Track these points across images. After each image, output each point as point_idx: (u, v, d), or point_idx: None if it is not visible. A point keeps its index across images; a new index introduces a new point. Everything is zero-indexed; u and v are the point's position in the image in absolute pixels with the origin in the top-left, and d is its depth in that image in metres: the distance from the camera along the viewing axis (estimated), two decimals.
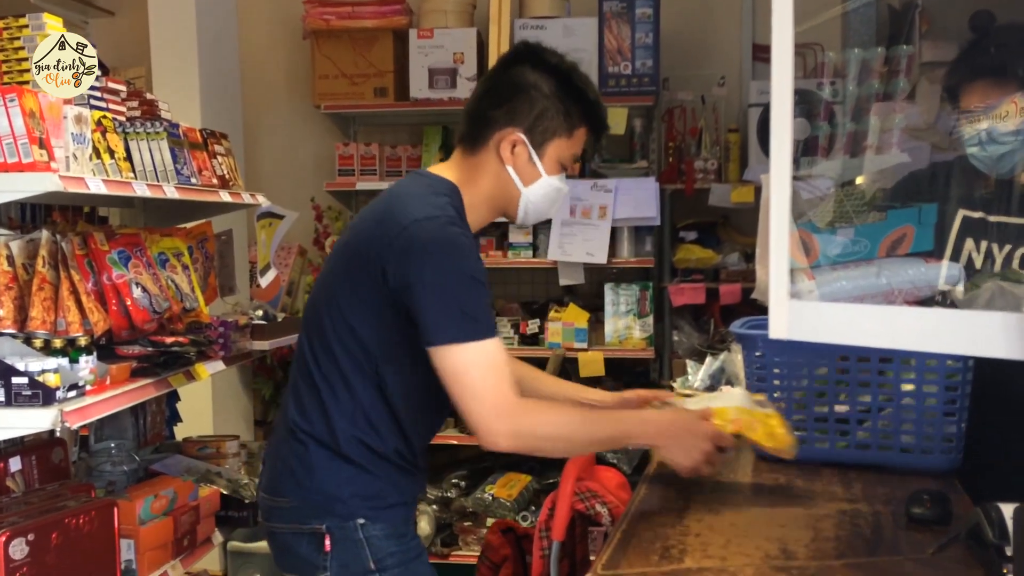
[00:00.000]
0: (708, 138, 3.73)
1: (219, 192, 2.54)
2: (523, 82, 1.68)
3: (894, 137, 2.13)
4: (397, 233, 1.58)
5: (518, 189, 1.70)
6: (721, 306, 3.65)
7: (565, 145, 1.71)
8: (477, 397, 1.53)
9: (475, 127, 1.71)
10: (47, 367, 1.82)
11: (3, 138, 1.79)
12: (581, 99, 1.70)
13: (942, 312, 1.11)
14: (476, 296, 1.56)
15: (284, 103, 4.31)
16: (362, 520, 1.64)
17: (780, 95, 1.30)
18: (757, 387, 1.90)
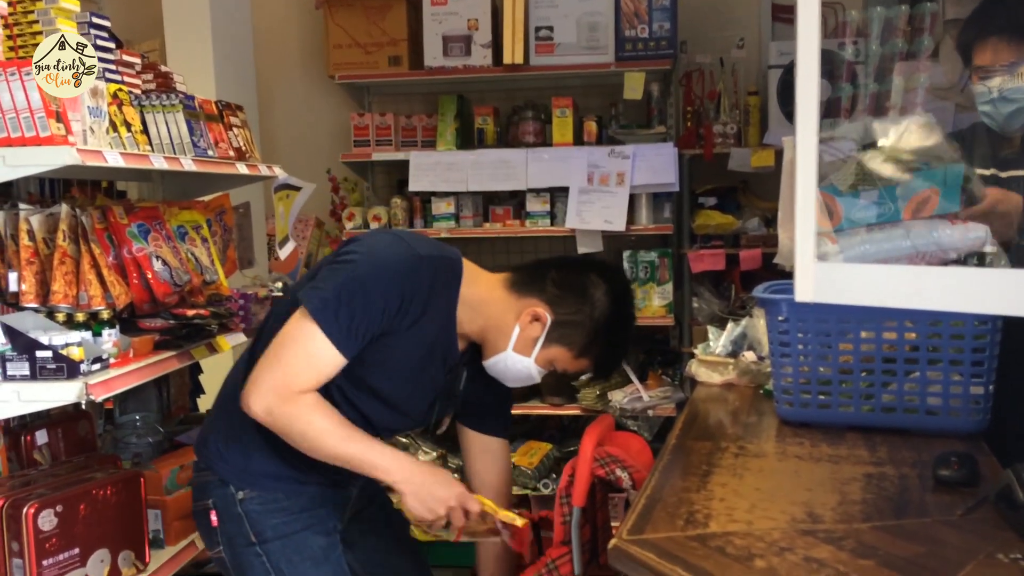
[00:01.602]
0: (727, 102, 3.68)
1: (236, 164, 2.53)
2: (589, 292, 1.76)
3: (918, 97, 2.09)
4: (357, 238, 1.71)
5: (506, 345, 1.75)
6: (741, 272, 3.62)
7: (566, 358, 1.77)
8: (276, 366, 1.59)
9: (532, 279, 1.78)
10: (71, 341, 1.83)
11: (20, 112, 1.79)
12: (607, 347, 1.78)
13: (968, 271, 1.09)
14: (362, 305, 1.60)
15: (298, 74, 4.29)
16: (240, 494, 1.72)
17: (806, 55, 1.28)
18: (780, 351, 1.89)
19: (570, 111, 3.66)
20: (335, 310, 1.58)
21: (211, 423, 1.79)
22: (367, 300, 1.60)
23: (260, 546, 1.71)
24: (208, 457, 1.76)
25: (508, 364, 1.77)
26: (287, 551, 1.71)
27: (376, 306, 1.61)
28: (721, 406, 2.13)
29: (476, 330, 1.77)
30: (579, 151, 3.62)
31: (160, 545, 2.12)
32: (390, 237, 1.73)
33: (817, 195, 1.63)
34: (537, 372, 1.79)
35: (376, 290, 1.61)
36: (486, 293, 1.77)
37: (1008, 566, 1.15)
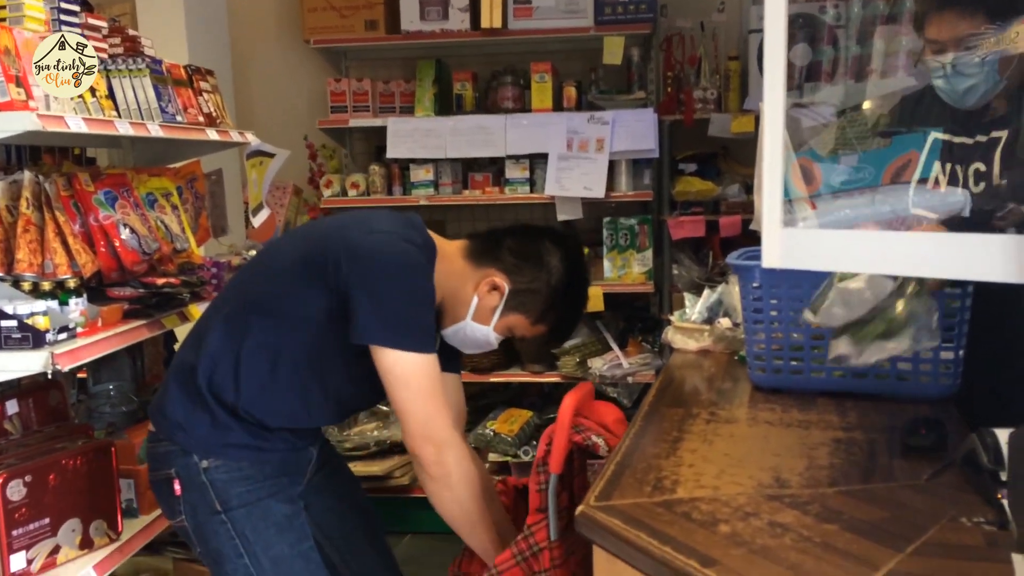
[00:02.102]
0: (707, 67, 3.65)
1: (206, 130, 2.49)
2: (545, 260, 1.79)
3: (899, 60, 2.07)
4: (361, 237, 1.67)
5: (465, 314, 1.79)
6: (721, 238, 3.62)
7: (524, 325, 1.81)
8: (411, 403, 1.64)
9: (488, 247, 1.81)
10: (36, 310, 1.80)
11: None
12: (564, 312, 1.82)
13: (936, 236, 1.08)
14: (421, 312, 1.66)
15: (273, 38, 4.22)
16: (205, 463, 1.71)
17: (774, 18, 1.25)
18: (753, 317, 1.88)
19: (549, 76, 3.63)
20: (400, 327, 1.62)
21: (167, 393, 1.76)
22: (414, 304, 1.65)
23: (225, 514, 1.71)
24: (167, 428, 1.74)
25: (467, 333, 1.80)
26: (252, 518, 1.71)
27: (428, 301, 1.67)
28: (696, 373, 2.13)
29: (438, 300, 1.78)
30: (558, 117, 3.59)
31: (134, 514, 2.12)
32: (381, 239, 1.69)
33: (791, 160, 1.62)
34: (495, 339, 1.82)
35: (419, 291, 1.67)
36: (448, 265, 1.78)
37: (971, 529, 1.16)
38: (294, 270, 1.71)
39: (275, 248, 1.89)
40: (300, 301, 1.69)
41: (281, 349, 1.70)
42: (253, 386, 1.70)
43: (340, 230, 1.73)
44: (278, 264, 1.77)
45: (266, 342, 1.70)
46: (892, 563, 1.07)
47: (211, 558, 1.75)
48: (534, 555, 1.57)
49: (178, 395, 1.73)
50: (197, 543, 1.75)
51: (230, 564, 1.72)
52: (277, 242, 1.84)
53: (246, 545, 1.72)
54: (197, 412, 1.71)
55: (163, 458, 1.75)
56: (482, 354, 3.63)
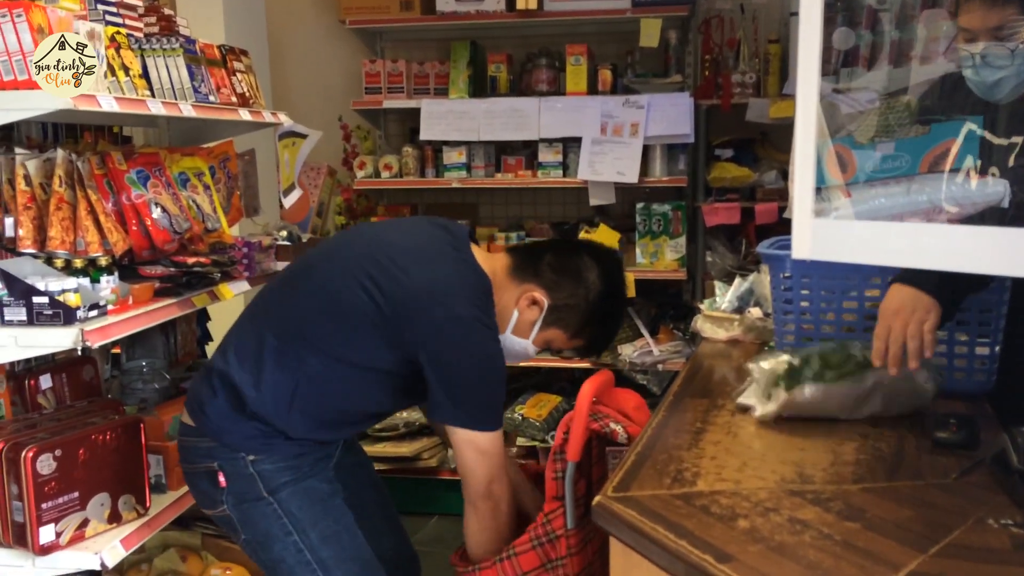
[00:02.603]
0: (747, 50, 3.58)
1: (239, 111, 2.50)
2: (583, 276, 1.81)
3: (941, 46, 2.00)
4: (445, 322, 1.67)
5: (505, 328, 1.81)
6: (756, 226, 3.56)
7: (562, 338, 1.85)
8: (474, 470, 1.71)
9: (528, 263, 1.83)
10: (67, 287, 1.83)
11: (12, 55, 1.76)
12: (601, 326, 1.85)
13: (970, 229, 1.04)
14: (497, 391, 1.72)
15: (310, 19, 4.22)
16: (252, 457, 1.74)
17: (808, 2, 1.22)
18: (784, 308, 1.85)
19: (584, 59, 3.58)
20: (479, 411, 1.70)
21: (215, 399, 1.75)
22: (493, 384, 1.72)
23: (272, 496, 1.74)
24: (211, 427, 1.75)
25: (506, 345, 1.81)
26: (297, 497, 1.75)
27: (499, 382, 1.73)
28: (724, 363, 2.10)
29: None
30: (593, 100, 3.56)
31: (162, 490, 2.14)
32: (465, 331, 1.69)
33: (826, 147, 1.58)
34: (533, 351, 1.87)
35: (497, 372, 1.72)
36: (496, 288, 1.81)
37: (997, 531, 1.13)
38: (364, 325, 1.70)
39: (330, 274, 1.78)
40: (370, 355, 1.71)
41: (339, 385, 1.74)
42: (307, 417, 1.75)
43: (419, 300, 1.69)
44: (344, 305, 1.72)
45: (324, 378, 1.72)
46: (913, 564, 1.04)
47: (258, 541, 1.77)
48: (551, 542, 1.56)
49: (226, 408, 1.74)
50: (242, 530, 1.77)
51: (279, 544, 1.75)
52: (329, 264, 1.80)
53: (294, 523, 1.75)
54: (245, 424, 1.74)
55: (205, 452, 1.76)
56: None
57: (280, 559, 1.76)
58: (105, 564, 1.85)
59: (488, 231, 3.82)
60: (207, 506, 1.82)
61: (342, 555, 1.77)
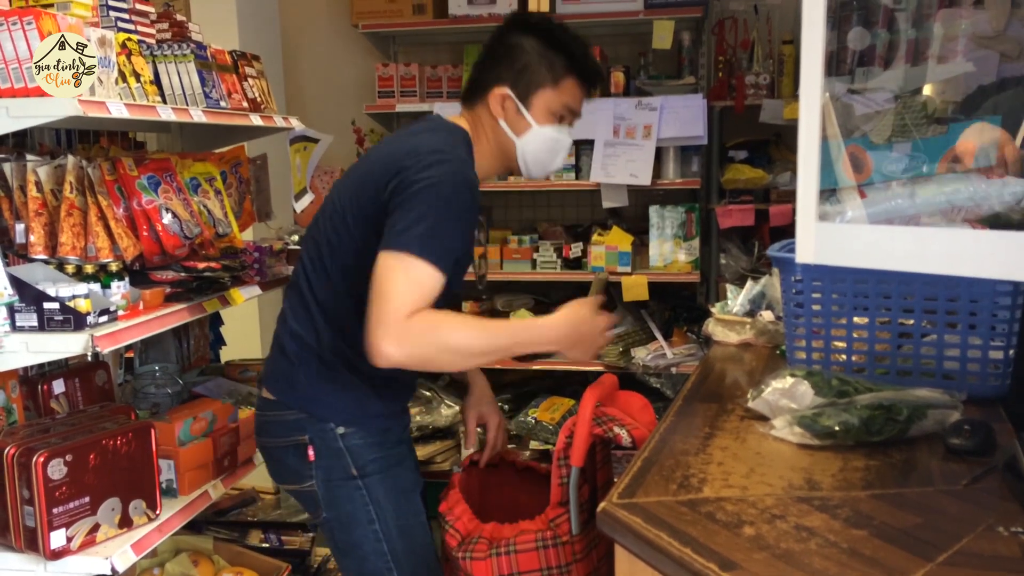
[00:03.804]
0: (761, 51, 3.56)
1: (250, 116, 2.51)
2: (510, 44, 1.81)
3: (959, 45, 1.98)
4: (412, 160, 1.65)
5: (512, 140, 1.81)
6: (771, 228, 3.53)
7: (553, 95, 1.80)
8: (383, 298, 1.53)
9: (472, 89, 1.86)
10: (78, 292, 1.84)
11: (23, 62, 1.78)
12: (564, 51, 1.80)
13: (978, 233, 1.02)
14: (444, 224, 1.59)
15: (324, 22, 4.24)
16: (341, 429, 1.76)
17: (811, 2, 1.21)
18: (794, 312, 1.83)
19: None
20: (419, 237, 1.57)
21: (293, 366, 1.79)
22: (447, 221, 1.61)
23: (361, 479, 1.76)
24: (300, 399, 1.78)
25: (528, 149, 1.82)
26: (384, 485, 1.77)
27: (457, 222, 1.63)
28: (735, 366, 2.08)
29: (492, 164, 1.86)
30: (605, 103, 3.54)
31: (173, 494, 2.15)
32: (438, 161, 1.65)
33: (840, 149, 1.56)
34: (555, 132, 1.81)
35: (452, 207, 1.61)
36: (473, 135, 1.82)
37: (1007, 540, 1.11)
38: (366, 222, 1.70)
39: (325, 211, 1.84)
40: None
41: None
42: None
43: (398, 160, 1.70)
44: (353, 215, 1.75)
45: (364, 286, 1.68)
46: (920, 573, 1.02)
47: (339, 522, 1.80)
48: (556, 547, 1.55)
49: (312, 374, 1.77)
50: (325, 508, 1.79)
51: (360, 529, 1.78)
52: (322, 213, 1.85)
53: (379, 511, 1.77)
54: (332, 382, 1.76)
55: (293, 425, 1.78)
56: None
57: (358, 544, 1.78)
58: (116, 569, 1.86)
59: (501, 234, 3.82)
60: (291, 480, 1.83)
61: (414, 549, 1.80)
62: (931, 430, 1.48)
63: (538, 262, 3.69)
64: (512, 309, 3.67)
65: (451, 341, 1.57)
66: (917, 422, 1.48)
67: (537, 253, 3.70)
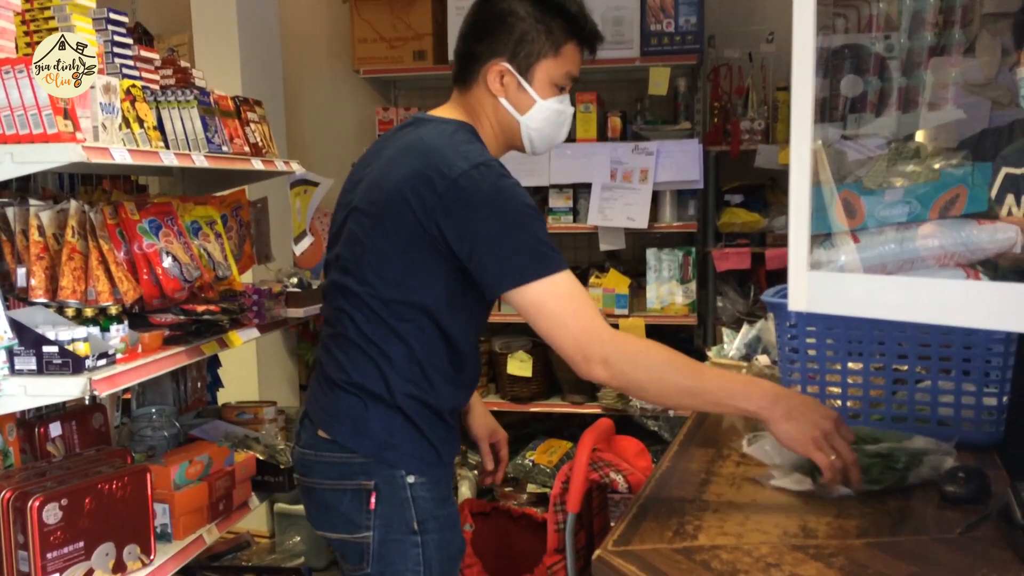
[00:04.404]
0: (755, 97, 3.62)
1: (251, 160, 2.54)
2: (500, 11, 1.66)
3: (950, 93, 2.01)
4: (446, 188, 1.53)
5: (516, 120, 1.68)
6: (767, 271, 3.56)
7: (554, 65, 1.67)
8: (562, 324, 1.49)
9: (464, 66, 1.70)
10: (77, 336, 1.85)
11: (28, 109, 1.81)
12: (561, 13, 1.66)
13: (966, 283, 1.04)
14: (538, 232, 1.53)
15: (325, 68, 4.31)
16: (411, 478, 1.63)
17: (801, 54, 1.24)
18: (789, 357, 1.84)
19: (594, 106, 3.63)
20: (529, 259, 1.51)
21: (360, 409, 1.64)
22: (529, 227, 1.53)
23: (421, 536, 1.63)
24: (370, 444, 1.64)
25: (533, 126, 1.69)
26: (440, 548, 1.66)
27: (534, 220, 1.55)
28: None
29: (497, 146, 1.73)
30: (602, 147, 3.59)
31: (168, 539, 2.14)
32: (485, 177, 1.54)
33: (833, 195, 1.58)
34: (557, 103, 1.69)
35: (522, 216, 1.54)
36: (471, 121, 1.70)
37: None
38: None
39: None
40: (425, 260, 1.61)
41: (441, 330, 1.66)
42: (437, 368, 1.65)
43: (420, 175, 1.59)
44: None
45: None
46: None
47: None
48: None
49: (375, 410, 1.64)
50: (372, 561, 1.64)
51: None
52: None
53: (428, 574, 1.65)
54: (403, 425, 1.64)
55: (359, 469, 1.64)
56: (523, 384, 3.62)
57: None
58: None
59: None
60: (341, 528, 1.67)
61: None
62: (928, 477, 1.48)
63: None
64: (510, 351, 3.68)
65: (665, 372, 1.47)
66: (914, 469, 1.48)
67: None
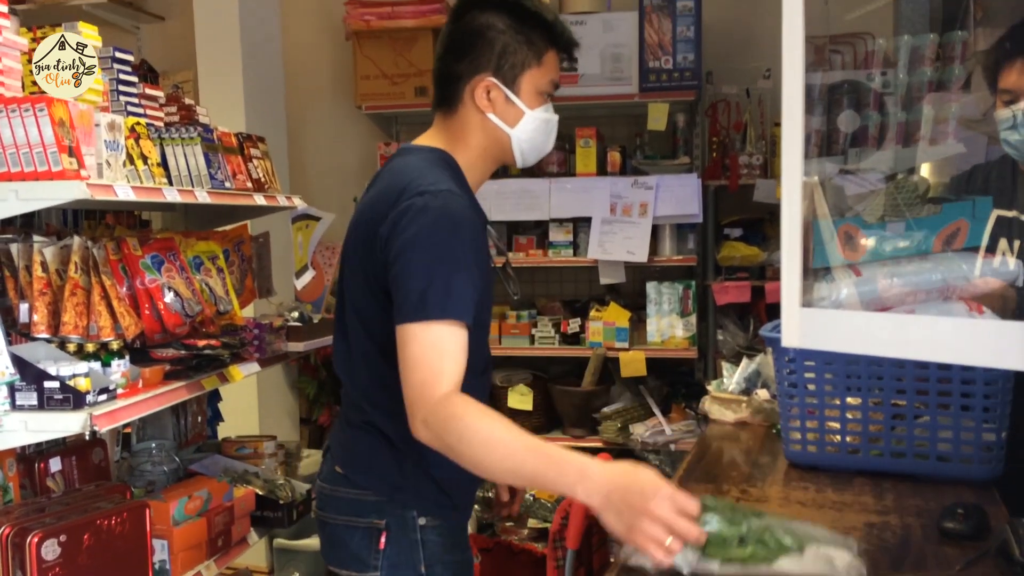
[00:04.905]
0: (753, 132, 3.65)
1: (253, 195, 2.57)
2: (477, 27, 1.64)
3: (949, 127, 2.04)
4: (396, 205, 1.52)
5: (506, 134, 1.65)
6: (767, 304, 3.57)
7: (539, 74, 1.65)
8: (411, 372, 1.42)
9: (446, 87, 1.67)
10: (78, 371, 1.86)
11: (33, 147, 1.83)
12: (538, 23, 1.65)
13: (957, 321, 1.05)
14: (453, 275, 1.46)
15: (328, 104, 4.35)
16: (423, 520, 1.62)
17: (791, 90, 1.26)
18: (788, 392, 1.84)
19: (594, 141, 3.66)
20: (424, 298, 1.45)
21: (375, 447, 1.62)
22: (449, 268, 1.47)
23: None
24: (383, 484, 1.62)
25: (524, 137, 1.66)
26: None
27: (459, 265, 1.49)
28: (732, 445, 2.08)
29: (486, 164, 1.71)
30: (602, 181, 3.62)
31: (166, 575, 2.13)
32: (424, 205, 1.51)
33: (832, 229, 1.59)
34: (544, 112, 1.67)
35: (450, 252, 1.49)
36: (455, 144, 1.68)
37: None
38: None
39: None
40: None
41: None
42: None
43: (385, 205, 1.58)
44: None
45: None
46: None
47: None
48: None
49: (388, 448, 1.62)
50: None
51: None
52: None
53: None
54: (417, 464, 1.61)
55: (371, 508, 1.63)
56: (523, 418, 3.62)
57: None
58: None
59: (500, 309, 3.85)
60: (350, 566, 1.65)
61: None
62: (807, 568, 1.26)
63: (536, 337, 3.71)
64: (511, 384, 3.68)
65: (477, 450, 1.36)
66: (789, 553, 1.24)
67: (535, 328, 3.72)
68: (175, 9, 4.34)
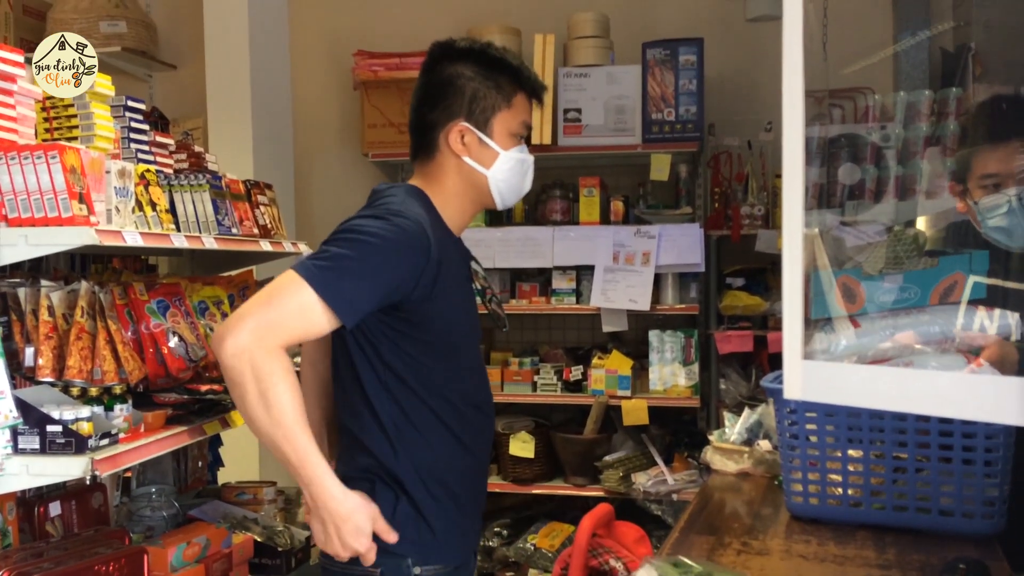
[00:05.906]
0: (755, 184, 3.68)
1: (260, 242, 2.59)
2: (447, 76, 1.73)
3: (945, 181, 2.06)
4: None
5: (483, 175, 1.74)
6: (770, 354, 3.57)
7: (509, 116, 1.75)
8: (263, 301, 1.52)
9: (423, 136, 1.77)
10: (81, 415, 1.86)
11: (44, 193, 1.86)
12: (504, 68, 1.74)
13: (957, 376, 1.06)
14: (352, 259, 1.54)
15: (335, 152, 4.41)
16: (418, 570, 1.63)
17: (791, 143, 1.28)
18: (789, 443, 1.84)
19: (597, 190, 3.70)
20: (318, 262, 1.56)
21: (366, 489, 1.64)
22: (358, 249, 1.58)
23: None
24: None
25: (500, 178, 1.74)
26: None
27: (371, 252, 1.58)
28: (734, 497, 2.08)
29: (464, 205, 1.78)
30: (605, 230, 3.65)
31: None
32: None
33: (831, 280, 1.61)
34: (519, 152, 1.76)
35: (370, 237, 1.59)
36: (430, 186, 1.76)
37: None
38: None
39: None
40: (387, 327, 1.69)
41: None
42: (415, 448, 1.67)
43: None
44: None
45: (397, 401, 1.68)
46: None
47: None
48: None
49: (389, 493, 1.66)
50: None
51: None
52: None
53: None
54: (416, 511, 1.65)
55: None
56: (525, 465, 3.60)
57: None
58: None
59: (503, 355, 3.85)
60: None
61: None
62: None
63: (539, 384, 3.71)
64: (512, 432, 3.67)
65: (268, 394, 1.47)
66: None
67: (538, 375, 3.72)
68: (187, 58, 4.42)
